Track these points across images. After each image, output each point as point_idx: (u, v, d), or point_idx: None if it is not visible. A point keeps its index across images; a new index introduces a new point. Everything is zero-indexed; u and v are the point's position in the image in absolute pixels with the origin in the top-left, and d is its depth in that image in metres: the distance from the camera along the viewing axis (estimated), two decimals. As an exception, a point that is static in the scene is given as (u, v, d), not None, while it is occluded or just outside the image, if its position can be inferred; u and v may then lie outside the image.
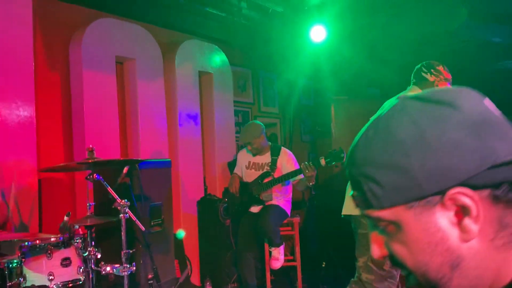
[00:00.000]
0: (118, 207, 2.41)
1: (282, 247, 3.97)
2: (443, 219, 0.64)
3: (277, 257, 3.94)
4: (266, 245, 4.04)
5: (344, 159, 3.66)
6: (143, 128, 4.42)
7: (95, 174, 2.42)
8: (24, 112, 3.58)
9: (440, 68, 2.77)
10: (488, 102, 0.68)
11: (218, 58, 5.31)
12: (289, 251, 4.37)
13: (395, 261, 0.70)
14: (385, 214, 0.67)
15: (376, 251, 0.71)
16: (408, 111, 0.67)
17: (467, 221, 0.63)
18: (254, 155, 4.21)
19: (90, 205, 2.75)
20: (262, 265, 4.15)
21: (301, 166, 3.76)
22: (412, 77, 2.88)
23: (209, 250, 4.65)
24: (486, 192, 0.63)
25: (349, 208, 2.71)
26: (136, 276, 3.20)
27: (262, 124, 4.25)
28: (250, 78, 6.01)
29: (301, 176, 3.88)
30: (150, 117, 4.50)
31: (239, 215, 4.20)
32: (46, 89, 3.89)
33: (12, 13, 3.53)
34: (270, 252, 4.01)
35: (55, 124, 3.97)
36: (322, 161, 3.71)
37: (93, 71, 4.05)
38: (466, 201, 0.62)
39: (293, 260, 4.09)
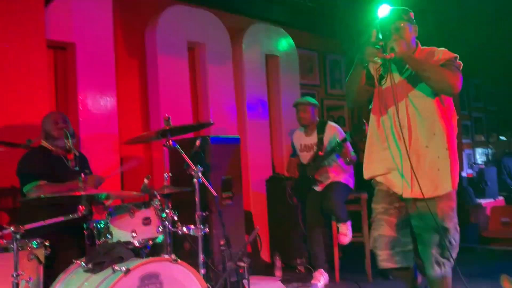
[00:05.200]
0: (192, 173, 2.60)
1: (349, 223, 4.00)
2: None
3: (345, 232, 3.98)
4: (334, 222, 4.09)
5: (366, 131, 3.52)
6: (214, 109, 4.64)
7: (171, 141, 2.63)
8: (107, 97, 3.90)
9: None
10: None
11: (285, 41, 5.40)
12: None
13: None
14: None
15: None
16: None
17: None
18: (304, 131, 4.27)
19: (167, 176, 2.96)
20: (331, 241, 4.21)
21: (333, 145, 3.89)
22: None
23: (278, 227, 4.79)
24: None
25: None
26: (209, 243, 3.41)
27: (317, 103, 4.33)
28: (316, 60, 6.05)
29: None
30: (219, 99, 4.71)
31: (305, 193, 4.29)
32: (125, 75, 4.20)
33: (93, 2, 3.87)
34: (337, 228, 4.05)
35: (134, 107, 4.28)
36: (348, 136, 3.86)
37: (167, 56, 4.32)
38: None
39: (361, 237, 4.11)
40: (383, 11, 5.03)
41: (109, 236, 2.50)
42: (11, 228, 2.03)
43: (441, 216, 2.36)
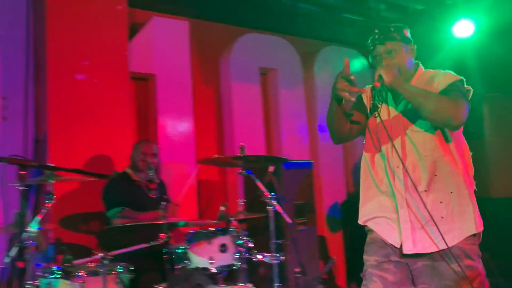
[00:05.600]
0: (266, 200, 2.63)
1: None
2: None
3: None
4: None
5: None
6: (286, 133, 4.67)
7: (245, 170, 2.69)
8: (184, 124, 4.07)
9: None
10: None
11: (357, 62, 5.33)
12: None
13: None
14: None
15: None
16: None
17: None
18: None
19: (241, 202, 3.02)
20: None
21: None
22: None
23: (355, 253, 4.65)
24: None
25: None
26: (283, 270, 3.39)
27: None
28: (390, 81, 5.89)
29: None
30: (291, 123, 4.73)
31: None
32: (202, 102, 4.36)
33: (171, 36, 4.08)
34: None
35: (210, 133, 4.43)
36: None
37: (240, 83, 4.44)
38: None
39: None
40: (461, 27, 4.87)
41: (187, 261, 2.58)
42: (100, 254, 2.17)
43: (455, 278, 1.85)
